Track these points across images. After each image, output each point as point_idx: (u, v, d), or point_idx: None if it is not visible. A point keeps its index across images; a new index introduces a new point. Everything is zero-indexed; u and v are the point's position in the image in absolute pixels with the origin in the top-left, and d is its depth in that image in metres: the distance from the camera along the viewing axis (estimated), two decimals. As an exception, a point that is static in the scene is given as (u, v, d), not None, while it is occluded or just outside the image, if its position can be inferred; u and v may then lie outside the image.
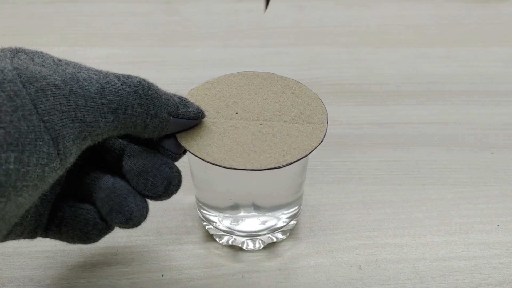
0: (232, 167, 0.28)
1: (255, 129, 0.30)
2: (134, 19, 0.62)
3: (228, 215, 0.35)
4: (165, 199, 0.29)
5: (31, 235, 0.29)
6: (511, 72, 0.54)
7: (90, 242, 0.29)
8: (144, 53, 0.57)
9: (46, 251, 0.36)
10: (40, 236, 0.29)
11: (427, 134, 0.47)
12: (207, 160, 0.28)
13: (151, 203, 0.39)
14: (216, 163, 0.28)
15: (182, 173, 0.30)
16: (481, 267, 0.36)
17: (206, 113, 0.31)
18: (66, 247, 0.36)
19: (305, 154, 0.28)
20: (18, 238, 0.28)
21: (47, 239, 0.36)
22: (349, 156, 0.44)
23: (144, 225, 0.38)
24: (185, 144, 0.29)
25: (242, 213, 0.35)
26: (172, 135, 0.29)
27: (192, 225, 0.38)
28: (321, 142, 0.29)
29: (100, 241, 0.36)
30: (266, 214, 0.35)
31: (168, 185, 0.28)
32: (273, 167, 0.28)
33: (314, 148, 0.29)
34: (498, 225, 0.39)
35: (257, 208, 0.35)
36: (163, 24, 0.62)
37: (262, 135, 0.30)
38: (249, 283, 0.35)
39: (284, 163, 0.28)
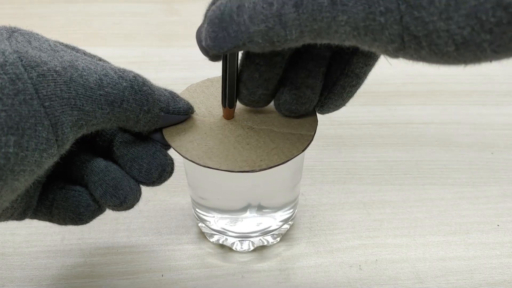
0: (206, 165, 0.28)
1: (241, 132, 0.30)
2: (134, 19, 0.62)
3: (226, 216, 0.35)
4: (156, 185, 0.29)
5: (20, 216, 0.28)
6: (511, 72, 0.54)
7: (82, 224, 0.29)
8: (144, 53, 0.57)
9: (46, 251, 0.36)
10: (29, 218, 0.29)
11: (427, 134, 0.47)
12: (184, 156, 0.28)
13: (152, 204, 0.39)
14: (192, 160, 0.28)
15: (181, 174, 0.30)
16: (481, 267, 0.36)
17: (198, 111, 0.31)
18: (66, 247, 0.36)
19: (281, 162, 0.28)
20: (6, 220, 0.28)
21: (47, 239, 0.37)
22: (349, 156, 0.44)
23: (144, 225, 0.38)
24: (168, 137, 0.29)
25: (245, 214, 0.35)
26: (160, 128, 0.30)
27: (192, 225, 0.38)
28: (302, 151, 0.29)
29: (100, 241, 0.37)
30: (263, 215, 0.35)
31: (162, 172, 0.29)
32: (246, 170, 0.28)
33: (292, 157, 0.28)
34: (498, 225, 0.39)
35: (259, 209, 0.35)
36: (163, 24, 0.62)
37: (245, 139, 0.30)
38: (249, 283, 0.35)
39: (258, 168, 0.28)
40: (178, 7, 0.65)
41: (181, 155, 0.29)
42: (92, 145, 0.30)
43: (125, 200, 0.28)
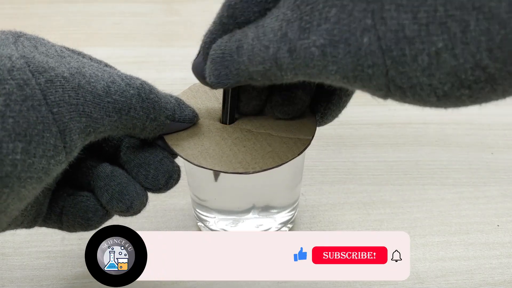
0: (201, 165, 0.28)
1: (239, 135, 0.30)
2: (134, 19, 0.62)
3: (228, 217, 0.35)
4: (162, 192, 0.29)
5: (30, 224, 0.28)
6: (511, 72, 0.54)
7: (91, 229, 0.29)
8: (144, 53, 0.57)
9: (46, 251, 0.36)
10: (38, 226, 0.29)
11: (427, 134, 0.47)
12: (180, 154, 0.28)
13: (152, 204, 0.39)
14: (187, 159, 0.28)
15: (183, 175, 0.30)
16: (481, 267, 0.36)
17: (198, 112, 0.31)
18: (66, 247, 0.36)
19: (275, 165, 0.28)
20: (16, 228, 0.28)
21: (47, 239, 0.37)
22: (349, 156, 0.44)
23: (144, 225, 0.38)
24: (166, 135, 0.29)
25: (246, 216, 0.35)
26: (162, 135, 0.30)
27: (192, 225, 0.38)
28: (298, 155, 0.29)
29: (100, 241, 0.37)
30: (264, 217, 0.35)
31: (169, 179, 0.29)
32: (239, 172, 0.28)
33: (287, 161, 0.28)
34: (498, 225, 0.39)
35: (261, 210, 0.35)
36: (163, 24, 0.62)
37: (242, 141, 0.30)
38: (249, 283, 0.34)
39: (252, 170, 0.28)
40: (178, 7, 0.65)
41: (177, 154, 0.29)
42: (99, 151, 0.30)
43: (132, 206, 0.28)
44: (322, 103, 0.31)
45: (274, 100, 0.30)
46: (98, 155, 0.30)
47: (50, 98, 0.23)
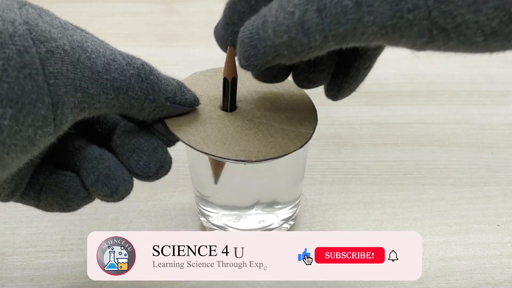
0: (203, 151, 0.28)
1: (240, 123, 0.30)
2: (134, 19, 0.62)
3: (232, 212, 0.35)
4: (150, 181, 0.29)
5: (7, 198, 0.28)
6: (511, 72, 0.54)
7: (69, 211, 0.29)
8: (144, 53, 0.56)
9: (46, 251, 0.36)
10: (14, 201, 0.28)
11: (427, 134, 0.47)
12: (182, 139, 0.28)
13: (152, 204, 0.39)
14: (189, 144, 0.28)
15: (181, 173, 0.30)
16: (481, 267, 0.36)
17: (199, 99, 0.31)
18: (66, 247, 0.36)
19: (277, 156, 0.28)
20: None
21: (47, 239, 0.37)
22: (349, 156, 0.44)
23: (144, 225, 0.38)
24: (167, 121, 0.29)
25: (250, 211, 0.35)
26: (163, 119, 0.29)
27: (192, 225, 0.38)
28: (300, 148, 0.29)
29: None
30: (267, 213, 0.35)
31: (160, 168, 0.28)
32: (242, 159, 0.28)
33: (289, 152, 0.28)
34: (498, 225, 0.39)
35: (264, 206, 0.35)
36: (163, 24, 0.62)
37: (244, 130, 0.30)
38: (249, 283, 0.35)
39: (254, 159, 0.28)
40: (178, 7, 0.65)
41: (179, 139, 0.28)
42: (89, 132, 0.30)
43: (116, 191, 0.27)
44: (340, 75, 0.30)
45: (300, 67, 0.29)
46: (87, 137, 0.30)
47: (48, 69, 0.23)
